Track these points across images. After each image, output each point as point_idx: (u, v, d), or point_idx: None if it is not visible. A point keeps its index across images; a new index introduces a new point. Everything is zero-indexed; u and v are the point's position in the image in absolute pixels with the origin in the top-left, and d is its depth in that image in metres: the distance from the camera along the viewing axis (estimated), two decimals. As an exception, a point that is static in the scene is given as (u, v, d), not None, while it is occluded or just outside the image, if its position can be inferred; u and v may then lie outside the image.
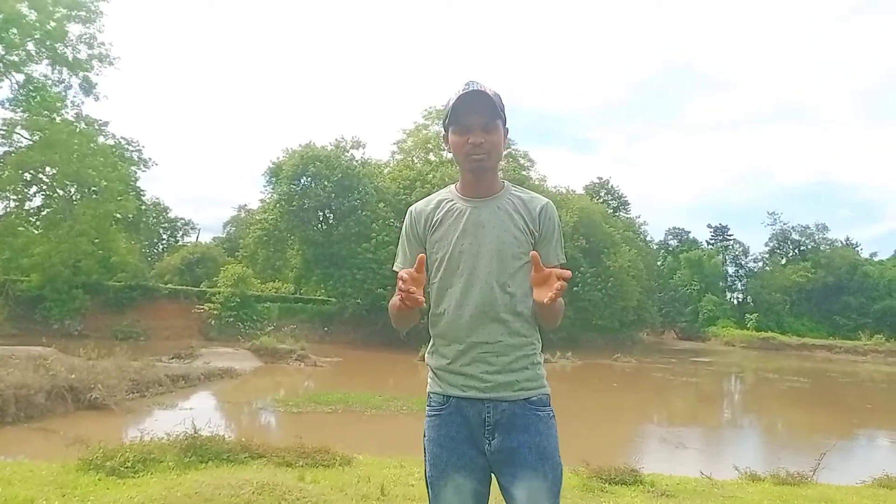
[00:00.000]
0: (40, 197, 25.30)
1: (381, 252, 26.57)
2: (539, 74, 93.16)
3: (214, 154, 79.97)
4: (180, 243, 45.54)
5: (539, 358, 1.83)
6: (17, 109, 23.02)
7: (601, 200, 44.18)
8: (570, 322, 26.89)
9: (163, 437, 5.07)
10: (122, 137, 27.15)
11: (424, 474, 1.83)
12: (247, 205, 43.84)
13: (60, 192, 24.65)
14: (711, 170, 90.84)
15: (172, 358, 17.64)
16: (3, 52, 21.95)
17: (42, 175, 24.01)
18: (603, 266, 31.36)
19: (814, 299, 52.73)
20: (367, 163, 31.45)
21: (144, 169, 28.19)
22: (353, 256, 27.31)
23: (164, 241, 46.54)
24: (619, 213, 45.65)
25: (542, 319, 1.81)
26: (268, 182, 31.27)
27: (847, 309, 50.98)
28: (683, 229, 59.06)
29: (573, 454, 6.23)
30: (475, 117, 1.76)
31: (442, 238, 1.83)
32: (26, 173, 23.37)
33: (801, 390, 22.89)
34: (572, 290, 27.89)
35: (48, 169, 23.53)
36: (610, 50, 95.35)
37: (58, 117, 23.27)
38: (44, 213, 25.26)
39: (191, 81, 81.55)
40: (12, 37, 21.45)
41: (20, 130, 22.97)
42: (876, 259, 56.89)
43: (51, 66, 23.49)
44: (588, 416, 13.96)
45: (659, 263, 50.59)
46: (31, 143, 22.83)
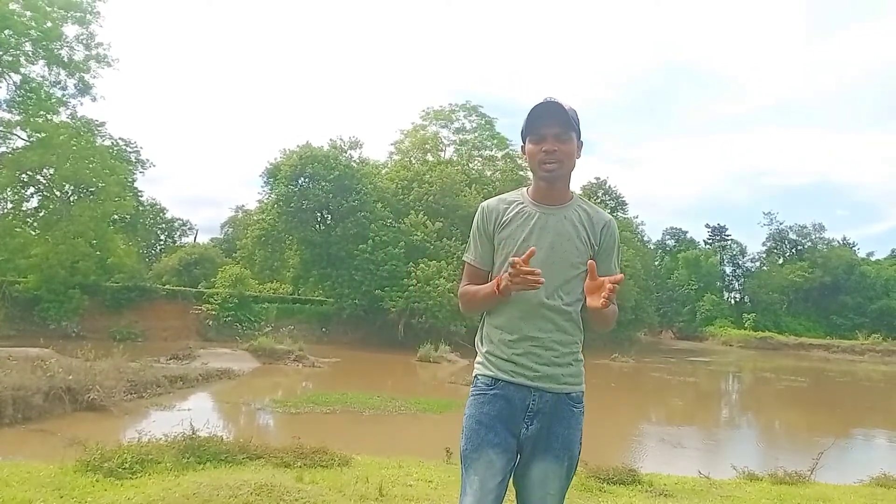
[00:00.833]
0: (37, 198, 25.30)
1: (379, 252, 26.57)
2: (537, 74, 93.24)
3: (212, 155, 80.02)
4: (178, 244, 45.45)
5: (581, 356, 2.00)
6: (13, 110, 22.96)
7: (599, 200, 44.15)
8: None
9: (161, 438, 5.06)
10: (120, 138, 27.19)
11: (459, 451, 1.94)
12: (244, 205, 43.95)
13: (58, 193, 24.60)
14: (709, 170, 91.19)
15: (170, 359, 17.61)
16: (1, 53, 21.89)
17: (39, 176, 23.96)
18: (601, 266, 31.28)
19: (811, 299, 52.87)
20: (365, 163, 31.44)
21: (142, 170, 28.25)
22: (351, 257, 27.29)
23: (162, 242, 46.42)
24: (617, 214, 45.57)
25: (597, 323, 1.91)
26: (265, 183, 31.31)
27: (844, 308, 51.12)
28: (681, 229, 59.31)
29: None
30: (549, 127, 1.87)
31: (509, 237, 1.94)
32: (23, 174, 23.31)
33: (799, 390, 22.95)
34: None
35: (45, 170, 23.47)
36: (607, 50, 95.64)
37: (55, 118, 23.22)
38: (41, 214, 25.19)
39: (189, 82, 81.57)
40: (7, 37, 21.36)
41: (17, 131, 22.91)
42: (873, 259, 57.17)
43: (47, 67, 23.45)
44: (586, 416, 13.96)
45: (656, 263, 50.66)
46: (28, 143, 22.77)
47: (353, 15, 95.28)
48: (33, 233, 24.60)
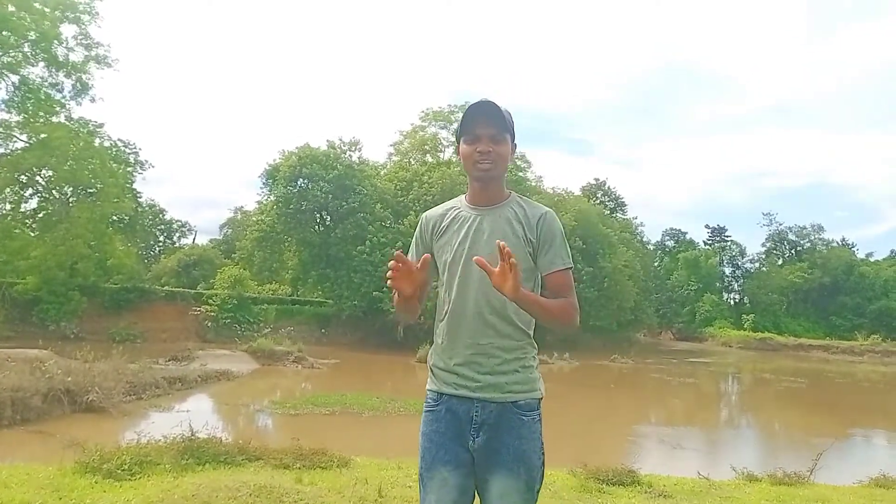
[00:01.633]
0: (36, 199, 25.27)
1: (378, 254, 26.55)
2: (536, 75, 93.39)
3: (211, 156, 80.00)
4: (177, 245, 45.46)
5: (531, 362, 1.88)
6: (12, 111, 22.95)
7: (598, 202, 44.25)
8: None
9: (160, 440, 5.05)
10: (119, 139, 27.07)
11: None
12: (243, 207, 43.93)
13: (57, 195, 24.57)
14: (708, 171, 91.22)
15: (169, 360, 17.60)
16: (1, 54, 21.86)
17: (38, 177, 23.94)
18: (599, 267, 31.38)
19: (810, 300, 52.90)
20: (364, 164, 31.43)
21: (141, 171, 28.11)
22: (350, 258, 27.28)
23: (161, 244, 46.40)
24: (616, 215, 45.68)
25: (545, 322, 1.82)
26: (264, 184, 31.25)
27: (843, 309, 51.15)
28: (680, 230, 59.28)
29: (571, 455, 6.25)
30: (484, 127, 1.86)
31: (446, 244, 1.93)
32: (22, 175, 23.29)
33: (798, 391, 22.95)
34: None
35: (44, 171, 23.45)
36: (607, 51, 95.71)
37: (55, 119, 23.19)
38: (40, 215, 25.15)
39: (188, 84, 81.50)
40: (6, 37, 21.33)
41: (15, 132, 22.88)
42: (872, 259, 57.18)
43: (46, 68, 23.42)
44: (586, 417, 13.99)
45: (656, 264, 50.70)
46: (27, 145, 22.76)
47: (353, 16, 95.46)
48: (32, 234, 24.57)
